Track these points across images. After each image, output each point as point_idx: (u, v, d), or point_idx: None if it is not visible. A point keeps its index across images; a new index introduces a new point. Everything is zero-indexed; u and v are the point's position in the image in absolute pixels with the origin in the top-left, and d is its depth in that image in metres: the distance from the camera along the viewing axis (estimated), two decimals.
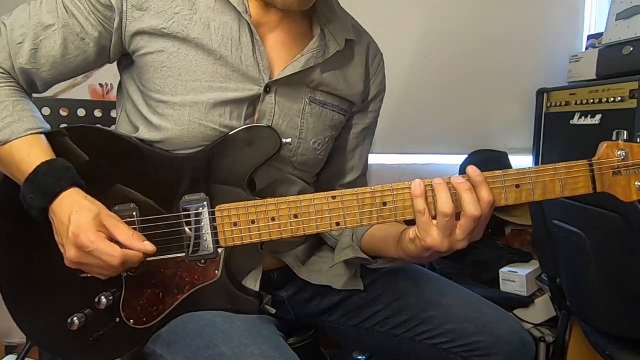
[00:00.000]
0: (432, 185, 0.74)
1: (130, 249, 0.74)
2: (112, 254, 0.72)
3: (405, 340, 0.94)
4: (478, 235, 0.75)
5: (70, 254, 0.74)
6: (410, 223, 0.78)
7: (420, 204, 0.73)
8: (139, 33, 0.84)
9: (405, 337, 0.94)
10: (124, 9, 0.83)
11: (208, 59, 0.84)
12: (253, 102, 0.87)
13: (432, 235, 0.73)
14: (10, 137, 0.80)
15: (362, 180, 1.06)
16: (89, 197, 0.78)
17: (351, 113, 1.01)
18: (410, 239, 0.77)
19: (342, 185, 1.03)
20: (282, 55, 0.89)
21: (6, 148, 0.81)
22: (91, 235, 0.72)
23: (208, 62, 0.84)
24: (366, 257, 0.92)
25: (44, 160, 0.78)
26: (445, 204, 0.72)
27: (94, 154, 0.84)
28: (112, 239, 0.74)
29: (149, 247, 0.75)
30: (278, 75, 0.87)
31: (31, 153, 0.79)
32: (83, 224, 0.73)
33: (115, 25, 0.84)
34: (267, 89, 0.87)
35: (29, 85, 0.88)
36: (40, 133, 0.82)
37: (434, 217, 0.74)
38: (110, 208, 0.80)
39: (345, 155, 1.03)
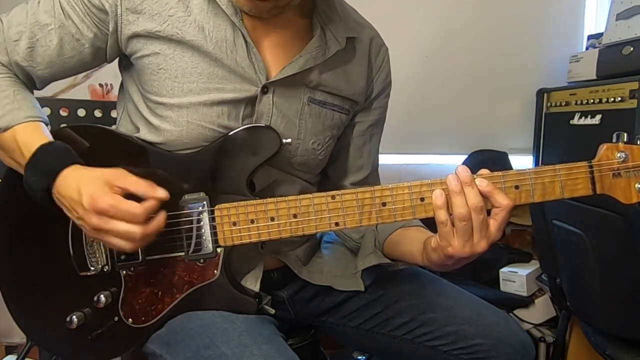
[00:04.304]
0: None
1: (149, 197, 0.73)
2: (135, 211, 0.71)
3: (405, 342, 0.94)
4: (496, 235, 0.74)
5: (91, 222, 0.73)
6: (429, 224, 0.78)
7: (442, 215, 0.73)
8: (135, 36, 0.84)
9: (405, 339, 0.94)
10: (118, 12, 0.83)
11: (204, 60, 0.84)
12: (250, 102, 0.86)
13: (453, 244, 0.73)
14: (11, 123, 0.81)
15: (373, 176, 1.06)
16: (89, 167, 0.77)
17: (354, 111, 1.00)
18: (433, 248, 0.77)
19: (354, 183, 1.03)
20: (279, 56, 0.88)
21: (8, 134, 0.81)
22: (108, 198, 0.71)
23: (204, 63, 0.84)
24: (389, 261, 0.93)
25: (43, 142, 0.78)
26: (461, 207, 0.72)
27: (95, 152, 0.84)
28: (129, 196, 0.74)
29: (161, 193, 0.74)
30: (275, 76, 0.87)
31: (35, 137, 0.79)
32: (96, 191, 0.72)
33: (111, 29, 0.84)
34: (265, 90, 0.86)
35: (27, 80, 0.88)
36: (40, 122, 0.83)
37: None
38: None
39: (354, 153, 1.03)
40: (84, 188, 0.73)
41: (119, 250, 0.79)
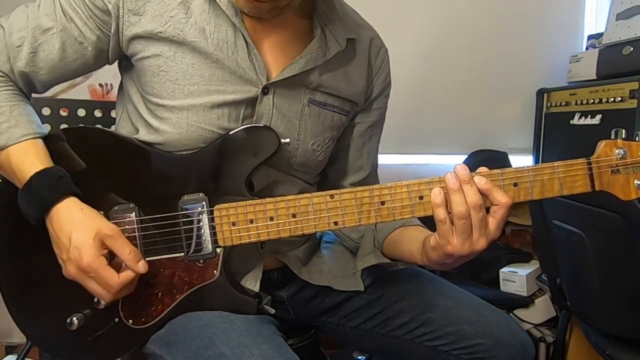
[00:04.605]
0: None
1: (129, 268, 0.76)
2: (111, 284, 0.75)
3: (405, 342, 0.94)
4: (495, 233, 0.74)
5: (70, 271, 0.76)
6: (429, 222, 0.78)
7: (441, 213, 0.73)
8: (136, 37, 0.84)
9: (405, 339, 0.94)
10: (120, 13, 0.83)
11: (205, 62, 0.84)
12: (251, 103, 0.86)
13: (452, 242, 0.73)
14: (7, 143, 0.80)
15: (372, 177, 1.06)
16: (85, 207, 0.78)
17: (354, 112, 1.00)
18: (432, 247, 0.77)
19: (353, 184, 1.03)
20: (279, 57, 0.88)
21: (3, 154, 0.81)
22: (93, 261, 0.74)
23: (205, 65, 0.84)
24: (389, 261, 0.93)
25: (38, 169, 0.77)
26: (460, 205, 0.72)
27: (93, 154, 0.84)
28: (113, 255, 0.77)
29: (141, 268, 0.77)
30: (275, 77, 0.86)
31: (26, 160, 0.79)
32: (84, 245, 0.74)
33: (112, 30, 0.84)
34: (265, 91, 0.86)
35: (27, 87, 0.88)
36: (37, 138, 0.82)
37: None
38: (109, 207, 0.81)
39: (353, 154, 1.03)
40: (75, 237, 0.74)
41: None
